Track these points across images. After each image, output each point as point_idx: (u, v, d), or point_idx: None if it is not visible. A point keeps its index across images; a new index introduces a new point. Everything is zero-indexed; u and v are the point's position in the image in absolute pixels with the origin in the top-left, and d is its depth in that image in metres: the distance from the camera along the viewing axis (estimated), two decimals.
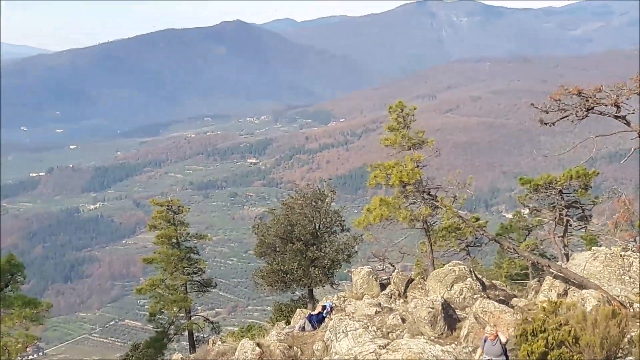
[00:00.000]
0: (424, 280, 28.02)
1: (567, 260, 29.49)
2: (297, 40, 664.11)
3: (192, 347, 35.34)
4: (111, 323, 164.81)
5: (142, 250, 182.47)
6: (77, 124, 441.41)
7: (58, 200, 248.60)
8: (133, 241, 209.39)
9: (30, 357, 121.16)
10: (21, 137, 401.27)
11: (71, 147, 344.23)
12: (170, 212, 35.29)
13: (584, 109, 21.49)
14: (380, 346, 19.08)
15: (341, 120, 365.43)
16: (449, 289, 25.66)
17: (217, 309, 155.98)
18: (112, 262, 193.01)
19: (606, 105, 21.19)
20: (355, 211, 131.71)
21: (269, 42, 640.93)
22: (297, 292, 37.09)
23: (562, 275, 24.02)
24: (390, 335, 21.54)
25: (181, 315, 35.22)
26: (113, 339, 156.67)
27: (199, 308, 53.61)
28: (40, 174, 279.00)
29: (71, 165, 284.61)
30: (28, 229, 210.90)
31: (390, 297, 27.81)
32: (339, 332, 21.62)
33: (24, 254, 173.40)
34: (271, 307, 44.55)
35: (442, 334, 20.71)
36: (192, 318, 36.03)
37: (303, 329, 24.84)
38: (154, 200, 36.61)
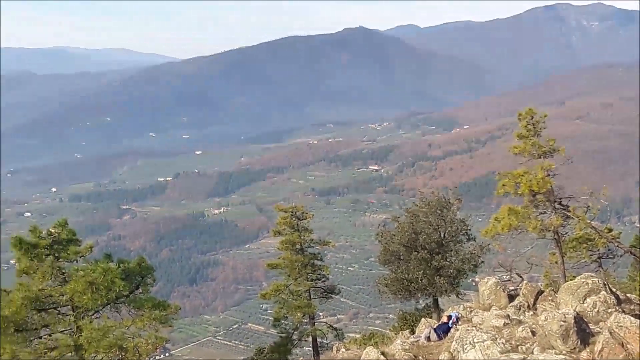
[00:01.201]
0: (555, 292, 26.99)
1: None
2: (421, 46, 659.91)
3: (316, 353, 35.32)
4: (235, 326, 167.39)
5: (264, 255, 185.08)
6: (203, 130, 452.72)
7: (184, 205, 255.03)
8: (256, 246, 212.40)
9: (158, 357, 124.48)
10: (150, 143, 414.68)
11: (197, 152, 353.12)
12: (294, 219, 35.40)
13: None
14: None
15: (465, 127, 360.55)
16: (581, 302, 24.57)
17: (338, 315, 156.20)
18: (236, 266, 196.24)
19: None
20: (480, 220, 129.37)
21: (392, 49, 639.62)
22: (421, 301, 36.58)
23: None
24: (519, 348, 20.79)
25: (305, 321, 35.25)
26: (236, 342, 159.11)
27: (320, 314, 53.75)
28: (168, 178, 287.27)
29: (197, 171, 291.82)
30: (156, 232, 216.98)
31: (519, 309, 26.91)
32: (466, 344, 21.01)
33: (152, 257, 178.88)
34: (393, 315, 44.14)
35: (574, 348, 19.80)
36: (316, 324, 36.02)
37: (428, 338, 24.34)
38: (279, 207, 36.78)
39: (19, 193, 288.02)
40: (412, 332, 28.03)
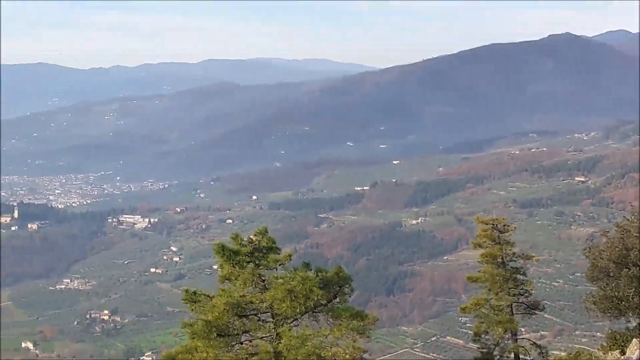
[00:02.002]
0: None
1: None
2: (633, 52, 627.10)
3: None
4: (433, 339, 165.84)
5: (463, 267, 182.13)
6: (401, 140, 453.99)
7: (381, 214, 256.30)
8: (454, 257, 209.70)
9: None
10: (347, 152, 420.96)
11: (394, 162, 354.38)
12: (495, 231, 34.24)
13: None
14: None
15: None
16: None
17: (541, 332, 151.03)
18: (434, 277, 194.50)
19: None
20: None
21: (600, 55, 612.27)
22: (632, 320, 34.33)
23: None
24: None
25: (506, 337, 33.97)
26: (434, 354, 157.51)
27: (522, 330, 51.84)
28: (365, 188, 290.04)
29: (394, 180, 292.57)
30: (353, 241, 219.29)
31: None
32: None
33: (349, 266, 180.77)
34: (601, 333, 41.74)
35: None
36: (518, 341, 34.64)
37: None
38: (479, 218, 35.72)
39: (221, 200, 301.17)
40: (623, 352, 26.42)
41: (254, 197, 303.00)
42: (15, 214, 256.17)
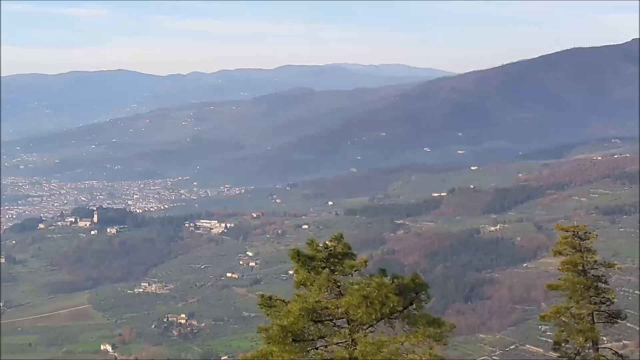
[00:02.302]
0: None
1: None
2: None
3: None
4: (511, 347, 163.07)
5: (543, 275, 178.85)
6: (479, 146, 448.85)
7: (458, 221, 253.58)
8: (534, 265, 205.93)
9: None
10: (424, 158, 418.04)
11: (472, 168, 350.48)
12: (576, 238, 33.35)
13: None
14: None
15: None
16: None
17: (624, 341, 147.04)
18: (512, 285, 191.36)
19: None
20: None
21: None
22: None
23: None
24: None
25: (587, 346, 33.04)
26: None
27: (604, 339, 50.62)
28: (442, 194, 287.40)
29: (472, 186, 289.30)
30: (430, 248, 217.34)
31: None
32: None
33: (426, 273, 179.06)
34: None
35: None
36: (599, 350, 33.66)
37: None
38: (560, 226, 34.81)
39: (297, 206, 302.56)
40: None
41: (330, 203, 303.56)
42: (95, 219, 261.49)
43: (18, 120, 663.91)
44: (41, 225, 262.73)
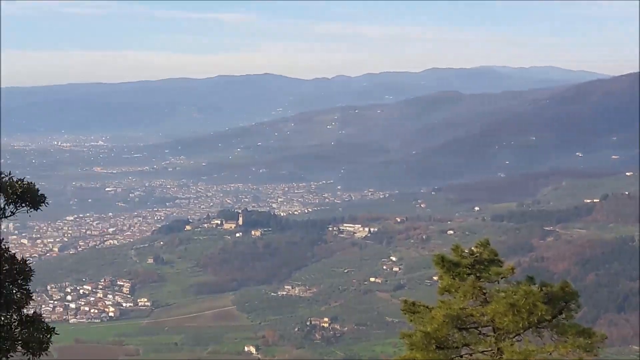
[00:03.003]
0: None
1: None
2: None
3: None
4: None
5: None
6: (634, 151, 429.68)
7: (612, 228, 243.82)
8: None
9: None
10: (576, 163, 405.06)
11: (627, 174, 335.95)
12: None
13: None
14: None
15: None
16: None
17: None
18: None
19: None
20: None
21: None
22: None
23: None
24: None
25: None
26: None
27: None
28: (595, 200, 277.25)
29: (626, 193, 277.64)
30: (581, 256, 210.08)
31: None
32: None
33: (576, 281, 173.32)
34: None
35: None
36: None
37: None
38: None
39: (442, 211, 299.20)
40: None
41: (476, 208, 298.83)
42: (240, 221, 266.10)
43: (167, 123, 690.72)
44: (188, 227, 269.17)
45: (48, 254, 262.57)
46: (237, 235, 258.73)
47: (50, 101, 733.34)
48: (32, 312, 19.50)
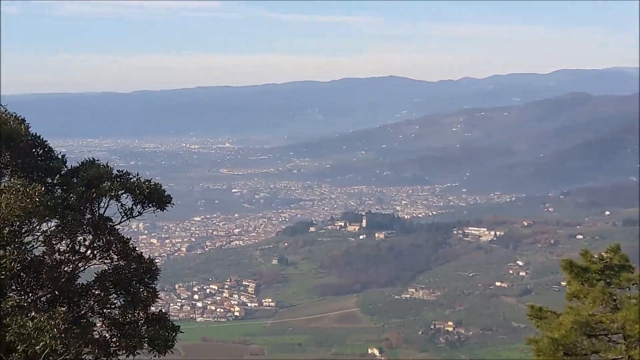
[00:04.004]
0: None
1: None
2: None
3: None
4: None
5: None
6: None
7: None
8: None
9: None
10: None
11: None
12: None
13: None
14: None
15: None
16: None
17: None
18: None
19: None
20: None
21: None
22: None
23: None
24: None
25: None
26: None
27: None
28: None
29: None
30: None
31: None
32: None
33: None
34: None
35: None
36: None
37: None
38: None
39: (571, 215, 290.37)
40: None
41: (607, 213, 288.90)
42: (364, 223, 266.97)
43: (292, 126, 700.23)
44: (312, 229, 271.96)
45: (176, 254, 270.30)
46: (361, 237, 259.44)
47: (180, 105, 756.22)
48: (158, 310, 20.04)
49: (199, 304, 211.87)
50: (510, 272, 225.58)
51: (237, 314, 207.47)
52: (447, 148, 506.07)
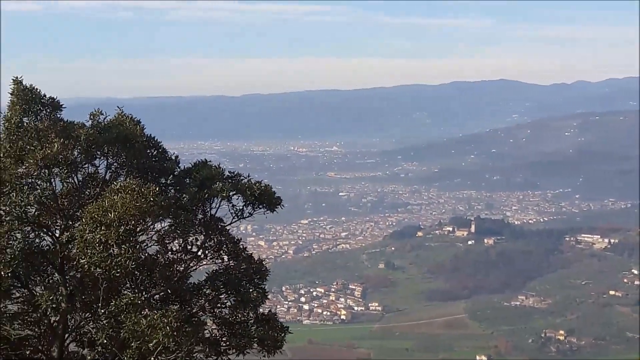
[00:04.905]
0: None
1: None
2: None
3: None
4: None
5: None
6: None
7: None
8: None
9: None
10: None
11: None
12: None
13: None
14: None
15: None
16: None
17: None
18: None
19: None
20: None
21: None
22: None
23: None
24: None
25: None
26: None
27: None
28: None
29: None
30: None
31: None
32: None
33: None
34: None
35: None
36: None
37: None
38: None
39: None
40: None
41: None
42: (472, 229, 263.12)
43: (400, 129, 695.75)
44: (419, 233, 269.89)
45: (283, 256, 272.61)
46: (469, 242, 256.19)
47: (288, 108, 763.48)
48: (267, 311, 20.14)
49: (306, 307, 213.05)
50: (625, 280, 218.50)
51: (343, 317, 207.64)
52: (559, 153, 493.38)
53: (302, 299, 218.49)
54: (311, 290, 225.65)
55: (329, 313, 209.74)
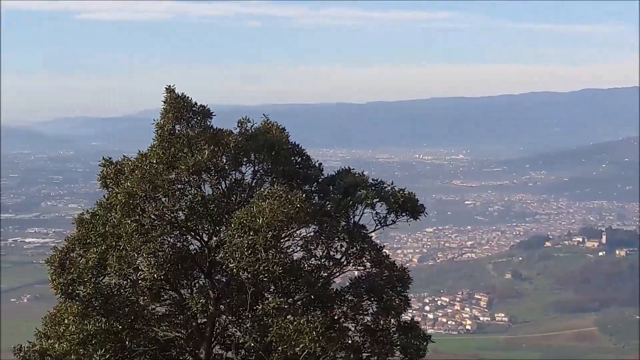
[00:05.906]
0: None
1: None
2: None
3: None
4: None
5: None
6: None
7: None
8: None
9: None
10: None
11: None
12: None
13: None
14: None
15: None
16: None
17: None
18: None
19: None
20: None
21: None
22: None
23: None
24: None
25: None
26: None
27: None
28: None
29: None
30: None
31: None
32: None
33: None
34: None
35: None
36: None
37: None
38: None
39: None
40: None
41: None
42: (603, 239, 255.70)
43: (528, 137, 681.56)
44: (548, 244, 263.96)
45: (407, 264, 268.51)
46: (600, 254, 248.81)
47: (413, 115, 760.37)
48: (410, 318, 20.11)
49: (430, 316, 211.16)
50: None
51: (468, 327, 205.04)
52: None
53: (427, 308, 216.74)
54: (436, 299, 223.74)
55: (453, 323, 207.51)
